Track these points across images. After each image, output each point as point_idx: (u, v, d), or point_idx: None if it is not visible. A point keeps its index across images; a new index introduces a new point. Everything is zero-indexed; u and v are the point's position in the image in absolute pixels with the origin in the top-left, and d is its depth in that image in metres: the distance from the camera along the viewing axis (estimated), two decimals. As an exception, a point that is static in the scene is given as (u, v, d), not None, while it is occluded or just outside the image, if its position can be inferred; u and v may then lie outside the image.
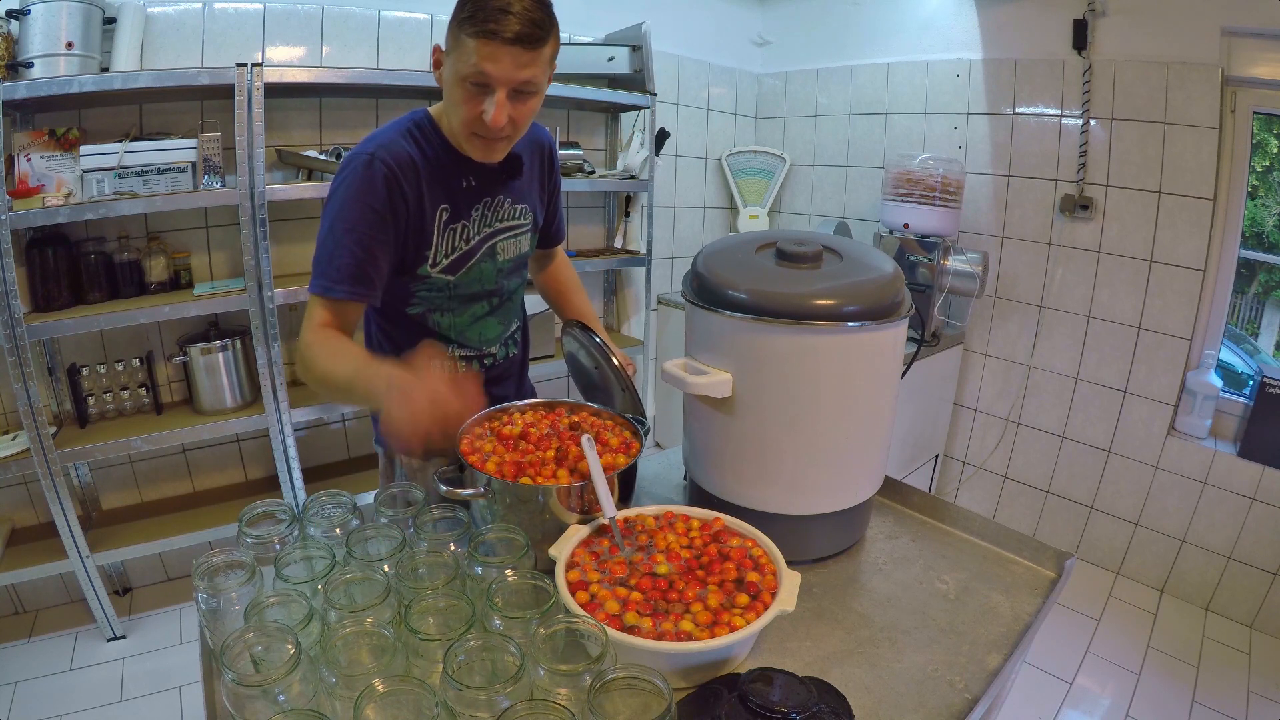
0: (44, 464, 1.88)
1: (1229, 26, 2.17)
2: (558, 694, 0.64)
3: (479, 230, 1.13)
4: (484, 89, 0.96)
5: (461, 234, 1.12)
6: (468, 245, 1.13)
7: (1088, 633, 2.33)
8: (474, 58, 0.93)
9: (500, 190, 1.15)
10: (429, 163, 1.06)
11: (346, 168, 1.02)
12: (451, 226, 1.10)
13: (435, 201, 1.07)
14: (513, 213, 1.19)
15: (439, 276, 1.11)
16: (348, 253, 1.00)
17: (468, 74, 0.95)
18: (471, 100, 0.97)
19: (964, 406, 3.00)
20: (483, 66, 0.93)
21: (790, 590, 0.79)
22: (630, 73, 2.63)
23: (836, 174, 3.26)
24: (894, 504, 1.22)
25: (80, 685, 1.96)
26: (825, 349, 0.93)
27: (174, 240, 2.19)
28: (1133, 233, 2.45)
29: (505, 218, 1.17)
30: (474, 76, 0.94)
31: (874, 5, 3.01)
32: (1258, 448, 2.31)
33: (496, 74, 0.94)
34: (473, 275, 1.15)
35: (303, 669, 0.64)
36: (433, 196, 1.06)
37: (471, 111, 0.98)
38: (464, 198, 1.11)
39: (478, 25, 0.91)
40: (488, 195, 1.13)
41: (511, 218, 1.19)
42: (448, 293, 1.14)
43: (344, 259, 1.00)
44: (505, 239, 1.19)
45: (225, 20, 2.13)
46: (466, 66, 0.94)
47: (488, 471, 0.95)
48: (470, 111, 0.98)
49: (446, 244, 1.10)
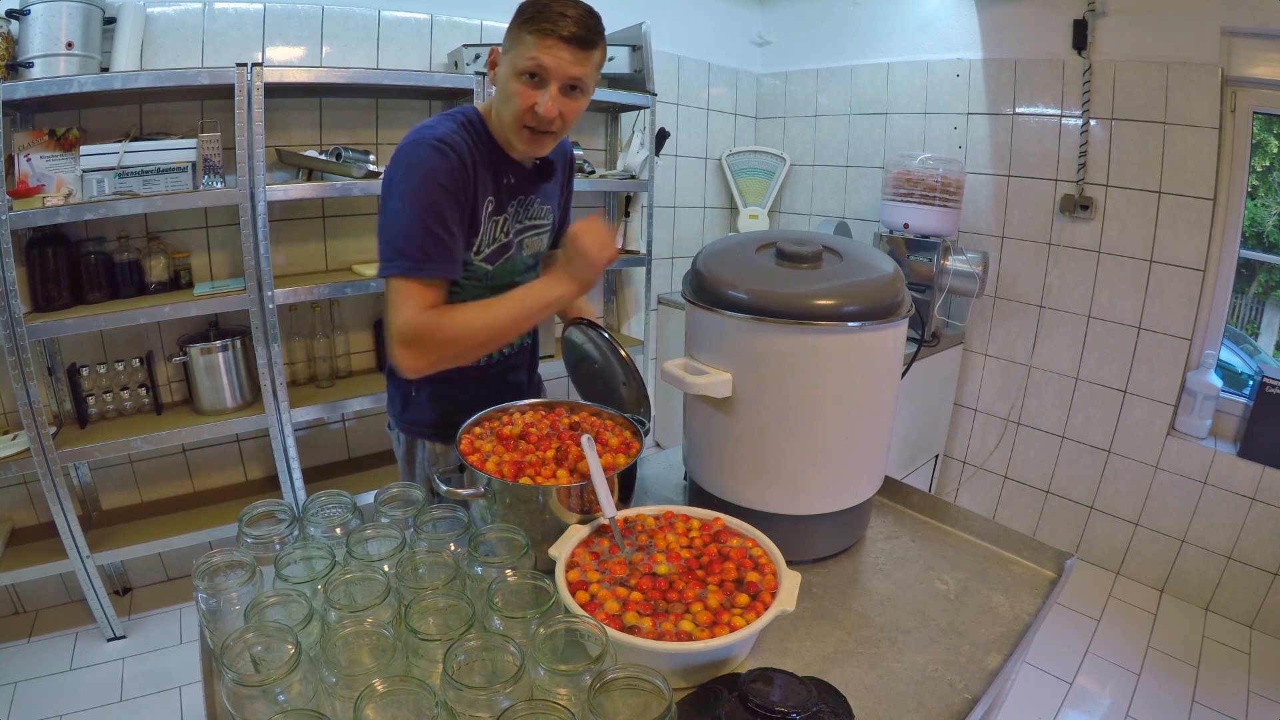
0: (44, 464, 1.88)
1: (1229, 26, 2.17)
2: (558, 694, 0.64)
3: (514, 225, 1.21)
4: (538, 82, 1.05)
5: (502, 227, 1.19)
6: (506, 238, 1.20)
7: (1088, 633, 2.33)
8: (532, 51, 1.03)
9: (533, 190, 1.24)
10: (478, 154, 1.12)
11: (412, 153, 1.07)
12: (495, 218, 1.17)
13: (484, 192, 1.13)
14: (540, 212, 1.27)
15: (480, 265, 1.17)
16: (431, 230, 1.04)
17: (525, 66, 1.03)
18: (526, 93, 1.05)
19: (964, 406, 3.00)
20: (540, 58, 1.02)
21: (790, 590, 0.79)
22: (630, 73, 2.63)
23: (836, 174, 3.26)
24: (894, 504, 1.22)
25: (80, 685, 1.96)
26: (825, 349, 0.93)
27: (174, 240, 2.19)
28: (1133, 233, 2.45)
29: (534, 216, 1.26)
30: (531, 68, 1.03)
31: (874, 5, 3.01)
32: (1258, 448, 2.31)
33: (552, 66, 1.03)
34: (507, 267, 1.22)
35: (303, 669, 0.64)
36: (482, 187, 1.12)
37: (525, 103, 1.06)
38: (506, 192, 1.18)
39: (538, 24, 1.02)
40: (522, 194, 1.21)
41: (539, 216, 1.27)
42: (484, 283, 1.20)
43: (428, 237, 1.04)
44: (531, 235, 1.27)
45: (225, 20, 2.13)
46: (524, 60, 1.03)
47: (488, 471, 0.95)
48: (524, 103, 1.06)
49: (490, 234, 1.17)
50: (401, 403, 1.31)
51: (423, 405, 1.28)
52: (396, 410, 1.33)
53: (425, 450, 1.31)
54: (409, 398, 1.29)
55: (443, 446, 1.29)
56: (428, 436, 1.30)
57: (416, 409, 1.29)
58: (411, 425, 1.31)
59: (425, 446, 1.31)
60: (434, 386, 1.26)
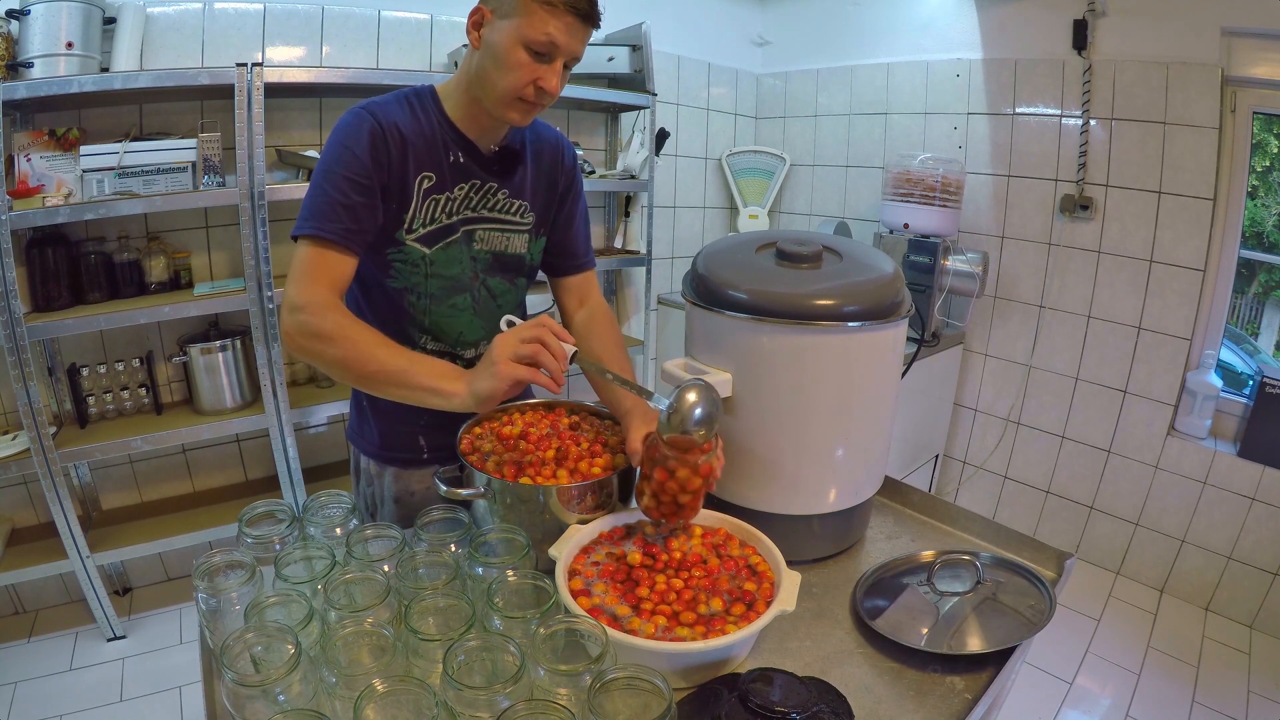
0: (44, 464, 1.88)
1: (1229, 26, 2.17)
2: (558, 694, 0.64)
3: (460, 209, 1.11)
4: (542, 57, 0.99)
5: (444, 206, 1.09)
6: (448, 219, 1.11)
7: (1088, 633, 2.33)
8: (546, 24, 0.95)
9: (494, 177, 1.13)
10: (417, 127, 1.06)
11: (339, 122, 1.03)
12: (434, 196, 1.08)
13: (419, 166, 1.06)
14: (508, 206, 1.15)
15: (414, 247, 1.09)
16: (328, 194, 0.99)
17: (535, 40, 0.96)
18: (527, 66, 0.98)
19: (964, 406, 3.00)
20: (555, 36, 0.96)
21: (790, 590, 0.79)
22: (630, 73, 2.63)
23: (836, 174, 3.26)
24: (894, 504, 1.22)
25: (80, 685, 1.96)
26: (825, 349, 0.93)
27: (174, 240, 2.19)
28: (1133, 233, 2.45)
29: (496, 209, 1.14)
30: (540, 44, 0.97)
31: (874, 5, 3.01)
32: (1258, 448, 2.31)
33: (565, 44, 0.98)
34: (451, 255, 1.12)
35: (303, 669, 0.64)
36: (416, 160, 1.05)
37: (525, 76, 0.99)
38: (450, 171, 1.09)
39: None
40: (476, 178, 1.11)
41: (505, 210, 1.15)
42: (424, 270, 1.11)
43: (331, 200, 0.99)
44: (489, 229, 1.15)
45: (225, 20, 2.13)
46: (536, 33, 0.96)
47: (488, 471, 0.95)
48: (524, 76, 0.99)
49: (426, 213, 1.08)
50: (355, 413, 1.26)
51: (368, 419, 1.22)
52: (351, 420, 1.28)
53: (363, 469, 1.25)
54: (360, 409, 1.23)
55: (377, 467, 1.22)
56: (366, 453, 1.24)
57: (364, 422, 1.23)
58: (356, 438, 1.26)
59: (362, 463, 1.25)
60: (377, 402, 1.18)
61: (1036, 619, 0.86)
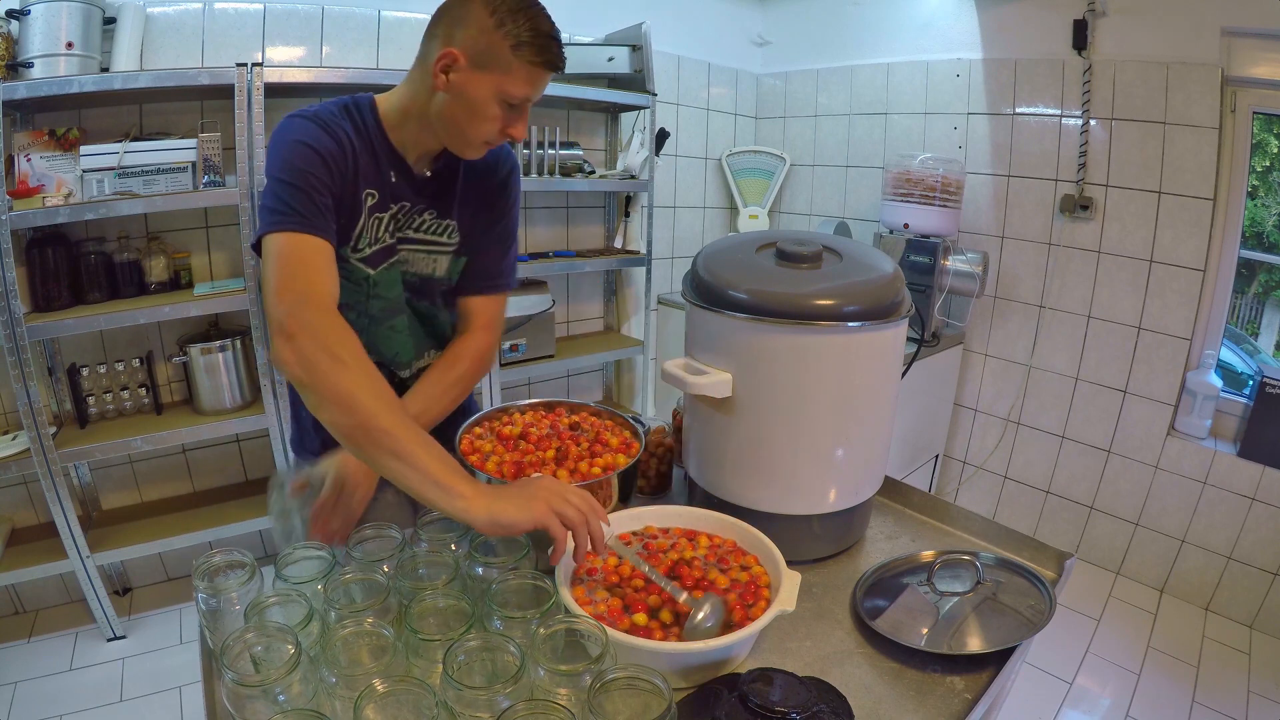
0: (44, 464, 1.88)
1: (1229, 26, 2.17)
2: (558, 694, 0.64)
3: (391, 230, 1.07)
4: (515, 109, 0.99)
5: (385, 225, 1.07)
6: (390, 240, 1.07)
7: (1088, 633, 2.33)
8: (527, 85, 0.97)
9: (423, 199, 1.09)
10: (362, 142, 1.02)
11: (278, 130, 0.98)
12: (377, 215, 1.05)
13: (366, 181, 1.03)
14: (435, 227, 1.11)
15: (358, 266, 1.05)
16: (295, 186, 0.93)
17: (515, 96, 0.96)
18: (505, 118, 0.99)
19: (964, 406, 3.00)
20: (532, 92, 0.98)
21: (790, 590, 0.79)
22: (630, 73, 2.62)
23: (836, 174, 3.26)
24: (894, 504, 1.22)
25: (80, 685, 1.95)
26: (825, 349, 0.93)
27: (174, 240, 2.19)
28: (1133, 233, 2.45)
29: (422, 229, 1.10)
30: (519, 99, 0.97)
31: (874, 5, 3.01)
32: (1258, 448, 2.31)
33: (536, 94, 1.00)
34: (391, 277, 1.09)
35: (303, 669, 0.64)
36: (364, 175, 1.02)
37: (498, 127, 1.00)
38: (389, 190, 1.06)
39: (540, 56, 0.95)
40: (406, 200, 1.07)
41: (431, 231, 1.11)
42: (367, 290, 1.07)
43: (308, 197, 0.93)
44: (416, 250, 1.10)
45: (225, 20, 2.13)
46: (517, 90, 0.96)
47: (488, 471, 0.95)
48: (498, 126, 1.00)
49: (371, 232, 1.05)
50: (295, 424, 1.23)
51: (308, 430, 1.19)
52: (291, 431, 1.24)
53: None
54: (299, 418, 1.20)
55: None
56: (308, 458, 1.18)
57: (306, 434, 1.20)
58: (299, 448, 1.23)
59: None
60: None
61: (1036, 619, 0.86)
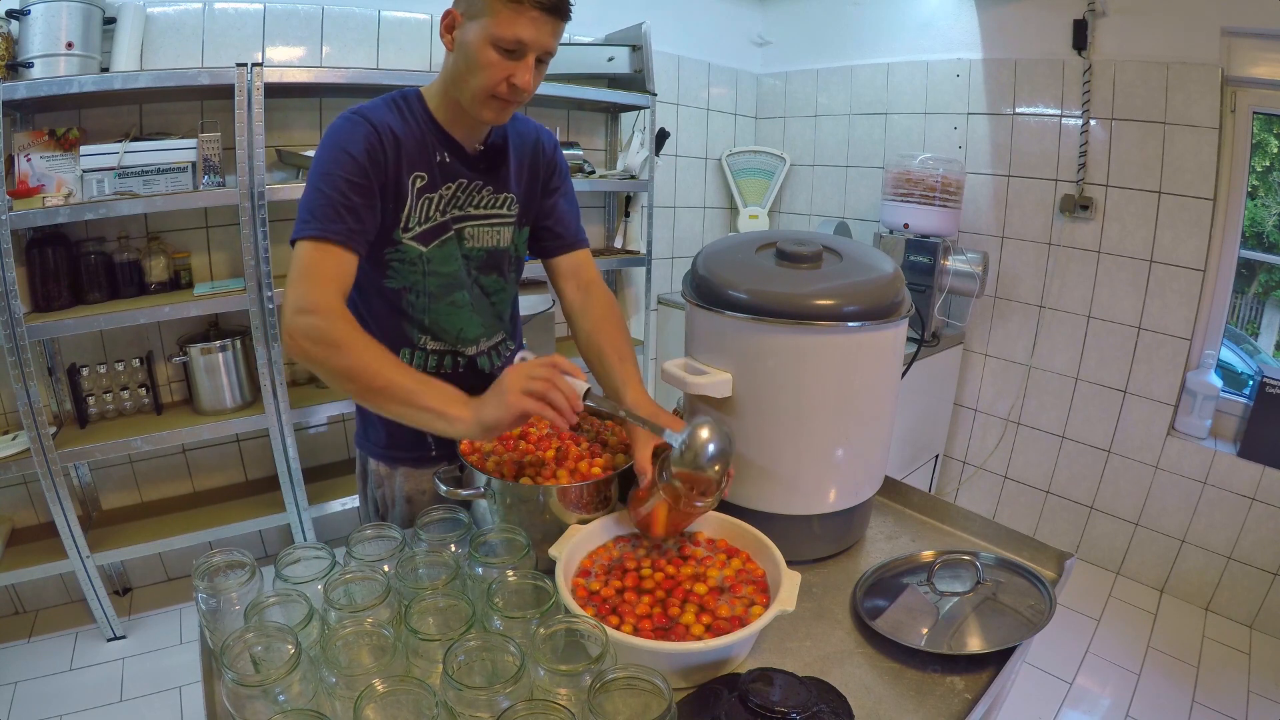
0: (44, 464, 1.88)
1: (1229, 26, 2.17)
2: (558, 694, 0.64)
3: (449, 209, 1.13)
4: (512, 54, 0.99)
5: (436, 204, 1.11)
6: (441, 217, 1.12)
7: (1088, 633, 2.33)
8: (512, 24, 0.96)
9: (479, 175, 1.15)
10: (407, 129, 1.07)
11: (331, 127, 1.04)
12: (427, 195, 1.10)
13: (411, 166, 1.07)
14: (493, 201, 1.17)
15: (411, 245, 1.10)
16: (329, 196, 0.99)
17: (503, 38, 0.97)
18: (498, 64, 0.99)
19: (964, 406, 3.00)
20: (521, 34, 0.96)
21: (790, 590, 0.79)
22: (630, 73, 2.62)
23: (836, 174, 3.26)
24: (894, 504, 1.22)
25: (80, 685, 1.95)
26: (825, 349, 0.93)
27: (174, 240, 2.19)
28: (1133, 233, 2.45)
29: (480, 205, 1.16)
30: (508, 42, 0.97)
31: (874, 5, 3.01)
32: (1258, 448, 2.31)
33: (532, 40, 0.98)
34: (446, 253, 1.13)
35: (303, 669, 0.64)
36: (409, 161, 1.07)
37: (497, 75, 1.00)
38: (440, 170, 1.11)
39: None
40: (463, 177, 1.12)
41: (490, 206, 1.17)
42: (422, 268, 1.12)
43: (331, 201, 0.98)
44: (477, 225, 1.16)
45: (225, 20, 2.13)
46: (504, 32, 0.96)
47: (488, 471, 0.95)
48: (496, 75, 1.00)
49: (420, 211, 1.10)
50: (360, 417, 1.26)
51: (373, 422, 1.23)
52: (357, 426, 1.28)
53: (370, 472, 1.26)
54: (365, 413, 1.24)
55: (386, 468, 1.23)
56: (374, 455, 1.24)
57: (368, 424, 1.24)
58: (363, 441, 1.26)
59: (370, 466, 1.25)
60: None
61: (1036, 619, 0.86)
